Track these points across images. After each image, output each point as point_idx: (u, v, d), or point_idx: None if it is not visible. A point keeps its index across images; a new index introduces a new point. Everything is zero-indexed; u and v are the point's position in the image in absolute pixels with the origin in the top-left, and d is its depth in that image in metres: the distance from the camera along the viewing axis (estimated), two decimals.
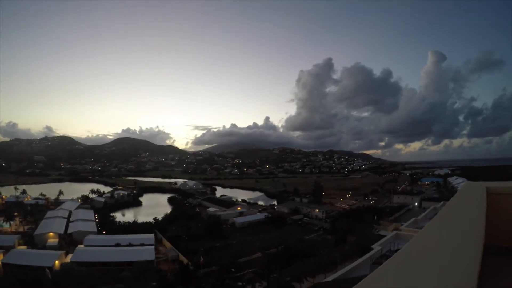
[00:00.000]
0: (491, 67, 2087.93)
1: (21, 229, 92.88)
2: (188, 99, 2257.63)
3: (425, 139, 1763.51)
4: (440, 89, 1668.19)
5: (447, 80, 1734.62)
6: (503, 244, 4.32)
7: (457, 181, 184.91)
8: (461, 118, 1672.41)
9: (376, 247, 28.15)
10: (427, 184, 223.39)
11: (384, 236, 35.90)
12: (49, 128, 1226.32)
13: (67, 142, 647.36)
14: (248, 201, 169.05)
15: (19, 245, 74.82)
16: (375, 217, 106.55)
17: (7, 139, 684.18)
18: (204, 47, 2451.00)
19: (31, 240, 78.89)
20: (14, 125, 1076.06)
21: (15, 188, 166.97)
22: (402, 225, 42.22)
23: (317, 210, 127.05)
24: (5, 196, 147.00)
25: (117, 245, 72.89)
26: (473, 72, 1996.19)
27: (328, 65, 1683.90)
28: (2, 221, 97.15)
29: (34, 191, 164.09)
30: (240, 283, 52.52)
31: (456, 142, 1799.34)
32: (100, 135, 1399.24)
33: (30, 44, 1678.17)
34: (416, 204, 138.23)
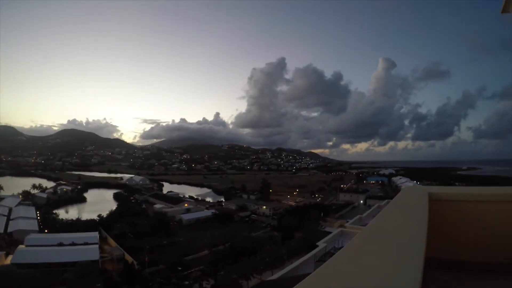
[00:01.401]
0: (437, 77, 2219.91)
1: None
2: (138, 91, 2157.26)
3: (372, 140, 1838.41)
4: (388, 94, 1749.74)
5: (395, 86, 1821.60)
6: (444, 255, 4.21)
7: (401, 181, 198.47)
8: (406, 122, 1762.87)
9: (321, 244, 28.72)
10: (373, 183, 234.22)
11: (330, 232, 36.93)
12: None
13: (9, 133, 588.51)
14: (195, 197, 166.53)
15: None
16: (322, 214, 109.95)
17: None
18: (155, 39, 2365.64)
19: None
20: None
21: None
22: (347, 222, 43.68)
23: (264, 207, 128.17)
24: None
25: (60, 244, 68.43)
26: (420, 80, 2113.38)
27: (281, 64, 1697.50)
28: None
29: None
30: (187, 282, 51.88)
31: (401, 144, 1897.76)
32: (45, 126, 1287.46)
33: None
34: (362, 201, 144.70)
